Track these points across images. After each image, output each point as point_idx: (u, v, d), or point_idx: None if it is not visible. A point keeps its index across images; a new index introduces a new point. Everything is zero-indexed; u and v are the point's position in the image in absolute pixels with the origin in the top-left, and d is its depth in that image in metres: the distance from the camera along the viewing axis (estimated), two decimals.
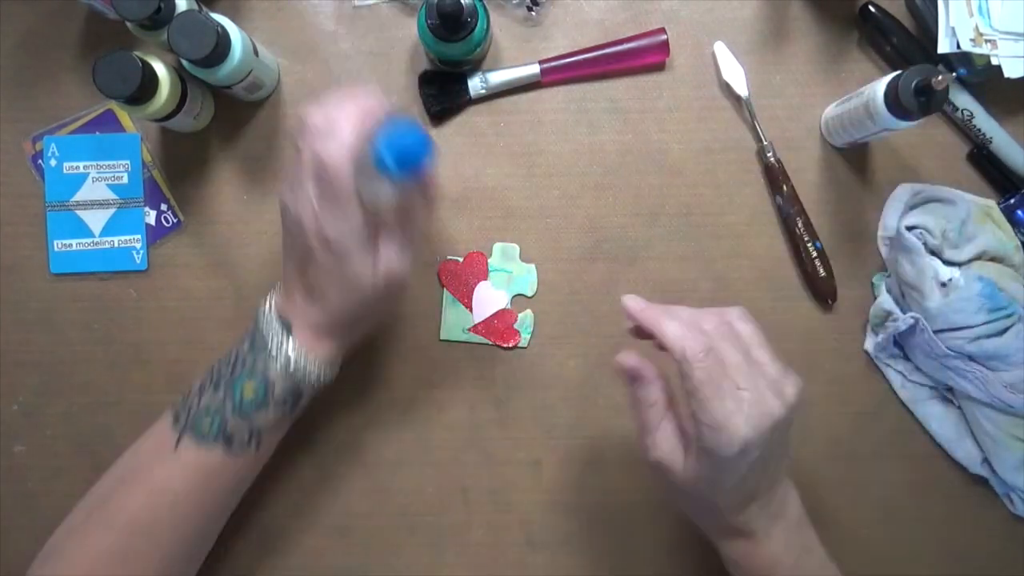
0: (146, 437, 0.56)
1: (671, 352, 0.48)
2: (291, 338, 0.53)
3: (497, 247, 0.66)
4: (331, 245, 0.49)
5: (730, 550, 0.53)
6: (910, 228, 0.61)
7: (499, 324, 0.65)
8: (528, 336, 0.65)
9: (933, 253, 0.61)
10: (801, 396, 0.49)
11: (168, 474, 0.53)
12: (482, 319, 0.65)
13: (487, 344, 0.65)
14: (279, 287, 0.56)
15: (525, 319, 0.65)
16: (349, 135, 0.48)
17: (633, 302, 0.51)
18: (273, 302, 0.56)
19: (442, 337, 0.65)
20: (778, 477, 0.52)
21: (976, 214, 0.61)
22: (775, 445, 0.48)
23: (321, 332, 0.54)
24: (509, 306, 0.65)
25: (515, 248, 0.65)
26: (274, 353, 0.53)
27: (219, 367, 0.55)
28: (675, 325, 0.48)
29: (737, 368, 0.48)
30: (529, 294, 0.65)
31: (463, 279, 0.65)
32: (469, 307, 0.65)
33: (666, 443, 0.50)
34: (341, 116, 0.48)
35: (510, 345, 0.65)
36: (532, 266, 0.65)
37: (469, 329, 0.65)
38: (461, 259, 0.65)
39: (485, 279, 0.65)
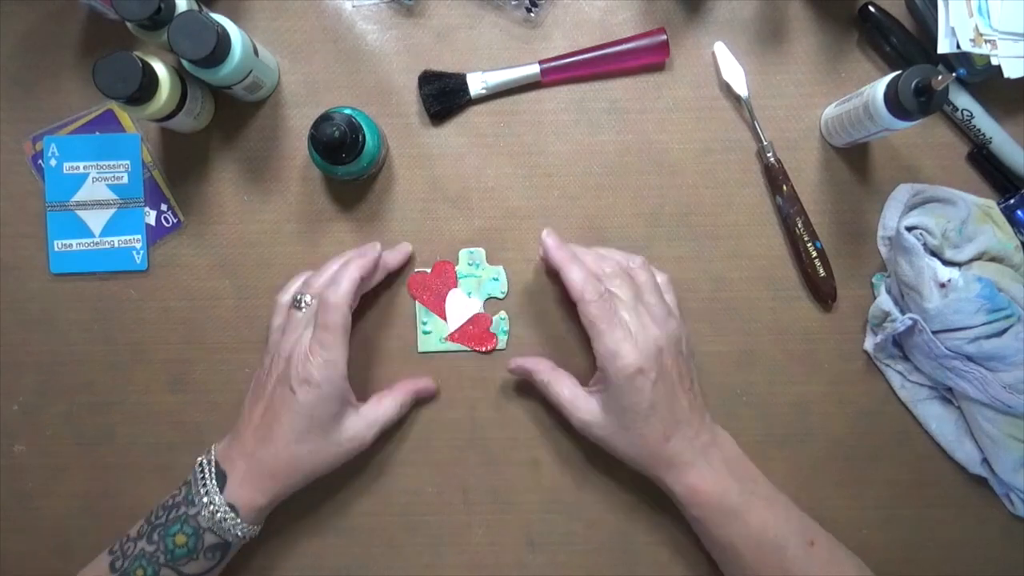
0: None
1: (571, 293, 0.56)
2: (223, 493, 0.56)
3: (463, 253, 0.65)
4: (312, 381, 0.55)
5: (677, 486, 0.57)
6: (910, 228, 0.61)
7: (475, 329, 0.65)
8: (505, 338, 0.65)
9: (933, 254, 0.61)
10: (681, 330, 0.58)
11: None
12: (457, 326, 0.65)
13: (465, 351, 0.65)
14: (227, 438, 0.59)
15: (500, 321, 0.65)
16: (348, 285, 0.57)
17: (550, 239, 0.58)
18: (214, 454, 0.58)
19: (420, 350, 0.65)
20: (694, 410, 0.58)
21: (976, 214, 0.61)
22: (671, 372, 0.56)
23: (263, 480, 0.57)
24: (483, 310, 0.65)
25: (480, 252, 0.65)
26: (207, 506, 0.55)
27: (156, 512, 0.57)
28: (577, 270, 0.56)
29: (626, 305, 0.56)
30: (500, 296, 0.65)
31: (434, 289, 0.65)
32: (443, 316, 0.65)
33: (579, 401, 0.58)
34: (343, 273, 0.57)
35: (488, 349, 0.65)
36: (500, 268, 0.65)
37: (446, 338, 0.65)
38: (429, 270, 0.65)
39: (455, 286, 0.65)
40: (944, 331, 0.60)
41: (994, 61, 0.59)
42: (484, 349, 0.65)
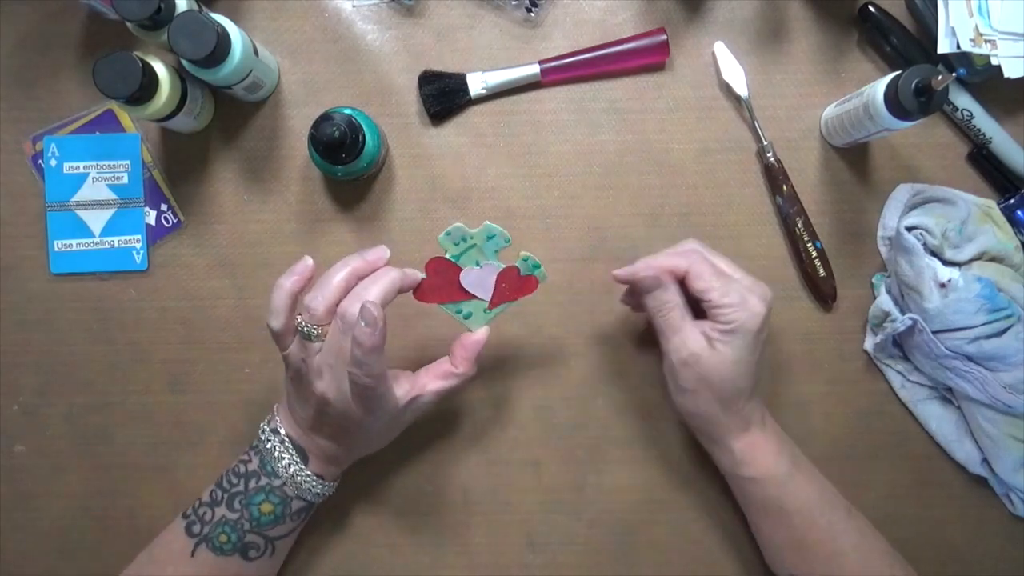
0: (159, 542, 0.59)
1: (684, 260, 0.57)
2: (307, 465, 0.57)
3: (442, 239, 0.57)
4: (370, 409, 0.54)
5: (739, 443, 0.58)
6: (910, 228, 0.61)
7: (508, 285, 0.59)
8: (541, 269, 0.58)
9: (933, 254, 0.61)
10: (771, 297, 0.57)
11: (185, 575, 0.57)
12: (491, 293, 0.59)
13: (516, 304, 0.59)
14: (282, 412, 0.59)
15: (525, 262, 0.58)
16: (377, 295, 0.53)
17: (631, 266, 0.58)
18: (283, 426, 0.58)
19: (472, 330, 0.59)
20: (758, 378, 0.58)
21: (976, 214, 0.61)
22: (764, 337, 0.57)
23: (339, 461, 0.59)
24: (501, 265, 0.58)
25: (458, 226, 0.56)
26: (292, 479, 0.57)
27: (229, 479, 0.58)
28: (676, 256, 0.57)
29: (731, 272, 0.57)
30: (507, 244, 0.58)
31: (443, 285, 0.58)
32: (472, 296, 0.59)
33: (695, 337, 0.56)
34: (372, 287, 0.54)
35: (534, 290, 0.59)
36: (486, 223, 0.57)
37: (489, 308, 0.59)
38: (424, 274, 0.58)
39: (459, 268, 0.58)
40: (944, 331, 0.60)
41: (994, 61, 0.59)
42: (530, 291, 0.59)
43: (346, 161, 0.59)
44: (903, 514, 0.65)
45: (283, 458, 0.57)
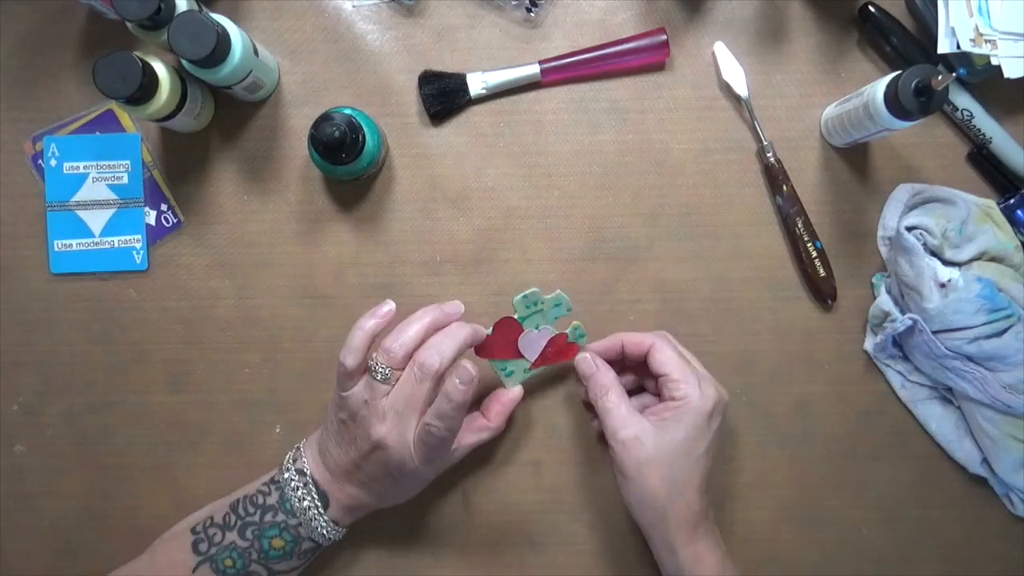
0: (162, 550, 0.59)
1: (647, 347, 0.58)
2: (327, 511, 0.57)
3: (517, 302, 0.59)
4: (431, 459, 0.55)
5: (686, 549, 0.54)
6: (910, 228, 0.61)
7: (554, 350, 0.61)
8: (584, 340, 0.62)
9: (933, 254, 0.61)
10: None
11: None
12: (536, 355, 0.61)
13: (553, 367, 0.63)
14: (310, 451, 0.59)
15: (575, 330, 0.61)
16: (452, 350, 0.55)
17: (591, 357, 0.59)
18: (309, 470, 0.58)
19: (508, 387, 0.62)
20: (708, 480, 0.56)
21: (976, 214, 0.61)
22: (719, 431, 0.56)
23: (360, 510, 0.59)
24: (555, 332, 0.61)
25: (535, 291, 0.59)
26: (308, 522, 0.57)
27: (246, 507, 0.58)
28: (642, 335, 0.59)
29: (695, 364, 0.58)
30: (567, 313, 0.61)
31: (501, 344, 0.60)
32: (519, 357, 0.61)
33: (635, 420, 0.55)
34: (447, 340, 0.55)
35: (572, 357, 0.61)
36: (558, 292, 0.60)
37: (531, 368, 0.61)
38: (490, 330, 0.59)
39: (521, 331, 0.60)
40: (944, 331, 0.60)
41: (994, 61, 0.59)
42: (568, 359, 0.62)
43: (346, 161, 0.59)
44: (903, 514, 0.65)
45: (304, 500, 0.57)
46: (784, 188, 0.64)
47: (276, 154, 0.66)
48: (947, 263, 0.61)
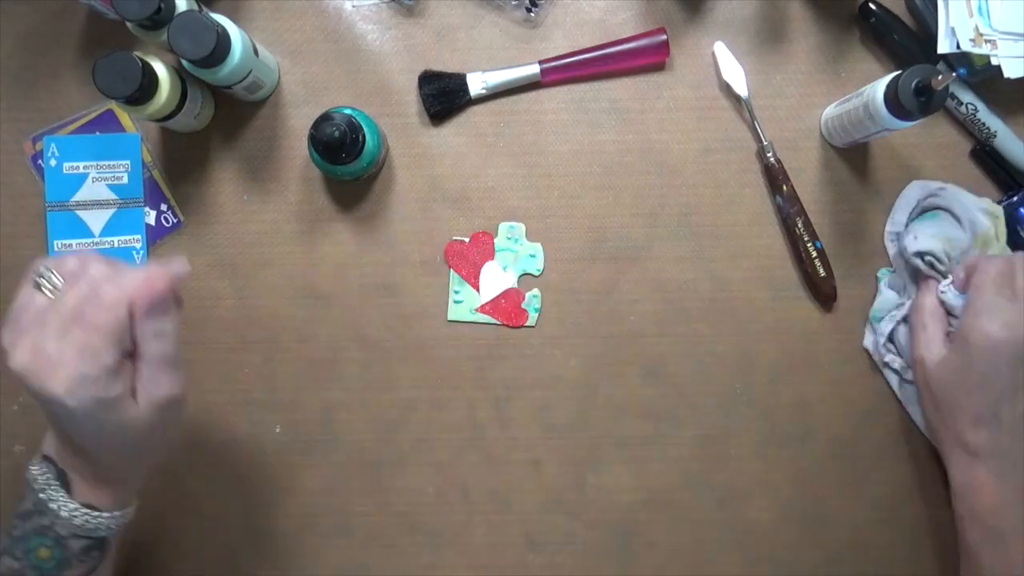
0: None
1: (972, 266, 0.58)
2: (70, 494, 0.49)
3: (502, 226, 0.65)
4: (79, 398, 0.45)
5: (960, 475, 0.57)
6: (919, 254, 0.61)
7: (506, 304, 0.65)
8: (535, 315, 0.65)
9: (941, 274, 0.61)
10: None
11: None
12: (489, 299, 0.64)
13: (495, 325, 0.65)
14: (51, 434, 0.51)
15: (533, 299, 0.64)
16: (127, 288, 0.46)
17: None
18: (51, 451, 0.50)
19: (449, 318, 0.65)
20: (1016, 419, 0.54)
21: (980, 238, 0.62)
22: (1015, 371, 0.53)
23: (99, 481, 0.49)
24: (516, 286, 0.65)
25: (520, 227, 0.65)
26: (58, 512, 0.48)
27: (12, 521, 0.50)
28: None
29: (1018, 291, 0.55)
30: (536, 273, 0.65)
31: (470, 259, 0.65)
32: (476, 287, 0.64)
33: (930, 342, 0.58)
34: (127, 275, 0.47)
35: (518, 325, 0.64)
36: (538, 245, 0.65)
37: (477, 309, 0.65)
38: (467, 239, 0.65)
39: (492, 259, 0.64)
40: None
41: (994, 61, 0.59)
42: (513, 324, 0.64)
43: (346, 161, 0.59)
44: (903, 514, 0.65)
45: (45, 487, 0.48)
46: (784, 188, 0.64)
47: (276, 154, 0.66)
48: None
